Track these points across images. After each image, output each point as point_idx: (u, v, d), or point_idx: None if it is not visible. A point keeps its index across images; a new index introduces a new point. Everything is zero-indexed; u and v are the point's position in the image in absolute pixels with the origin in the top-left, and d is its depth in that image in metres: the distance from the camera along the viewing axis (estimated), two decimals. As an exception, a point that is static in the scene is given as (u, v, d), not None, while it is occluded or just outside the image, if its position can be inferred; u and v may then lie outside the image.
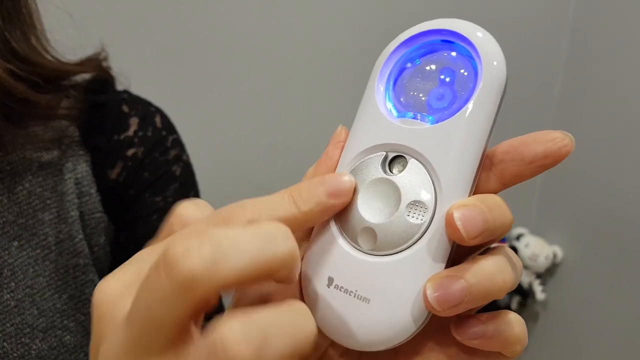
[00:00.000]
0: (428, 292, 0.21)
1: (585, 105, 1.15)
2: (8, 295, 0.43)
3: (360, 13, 1.01)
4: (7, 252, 0.43)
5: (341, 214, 0.24)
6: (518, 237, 1.25)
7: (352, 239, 0.24)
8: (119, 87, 0.52)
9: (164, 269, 0.17)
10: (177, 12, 0.90)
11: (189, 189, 0.53)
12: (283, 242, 0.18)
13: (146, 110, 0.51)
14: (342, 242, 0.24)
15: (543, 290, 1.23)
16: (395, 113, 0.25)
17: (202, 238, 0.17)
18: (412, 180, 0.23)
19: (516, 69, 1.16)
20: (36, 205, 0.45)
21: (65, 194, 0.46)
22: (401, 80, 0.26)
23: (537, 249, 1.20)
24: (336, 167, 0.25)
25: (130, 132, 0.49)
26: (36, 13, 0.45)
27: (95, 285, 0.47)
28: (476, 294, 0.21)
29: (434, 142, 0.23)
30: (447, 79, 0.24)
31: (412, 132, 0.24)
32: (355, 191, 0.24)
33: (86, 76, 0.49)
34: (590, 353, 1.17)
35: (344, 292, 0.23)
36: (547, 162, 0.23)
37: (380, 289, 0.23)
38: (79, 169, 0.47)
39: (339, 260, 0.24)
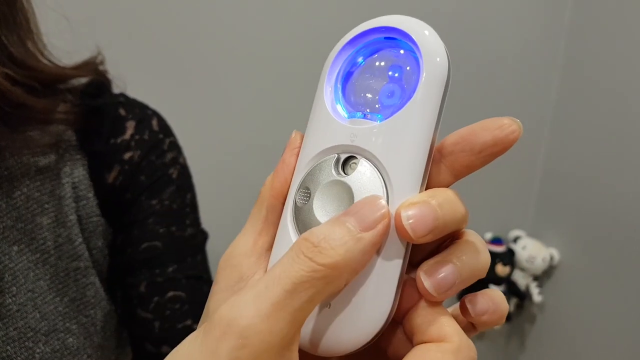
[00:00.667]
0: (424, 282, 0.22)
1: (582, 108, 1.15)
2: (10, 300, 0.43)
3: (360, 14, 1.01)
4: (7, 256, 0.43)
5: (298, 217, 0.24)
6: (515, 240, 1.25)
7: None
8: (116, 90, 0.52)
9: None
10: (174, 15, 0.91)
11: (185, 191, 0.53)
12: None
13: (143, 113, 0.52)
14: None
15: (540, 293, 1.23)
16: (345, 114, 0.25)
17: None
18: (363, 180, 0.23)
19: (513, 72, 1.17)
20: (34, 210, 0.45)
21: (63, 198, 0.46)
22: (349, 80, 0.26)
23: (534, 251, 1.21)
24: (293, 173, 0.25)
25: (127, 136, 0.49)
26: (32, 17, 0.45)
27: (97, 287, 0.48)
28: (465, 275, 0.22)
29: (381, 140, 0.23)
30: (393, 76, 0.24)
31: (361, 131, 0.24)
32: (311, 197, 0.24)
33: (83, 80, 0.49)
34: (587, 355, 1.17)
35: None
36: (496, 150, 0.22)
37: (340, 292, 0.23)
38: (76, 173, 0.47)
39: None
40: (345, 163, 0.24)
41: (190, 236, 0.52)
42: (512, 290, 1.24)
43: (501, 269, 1.21)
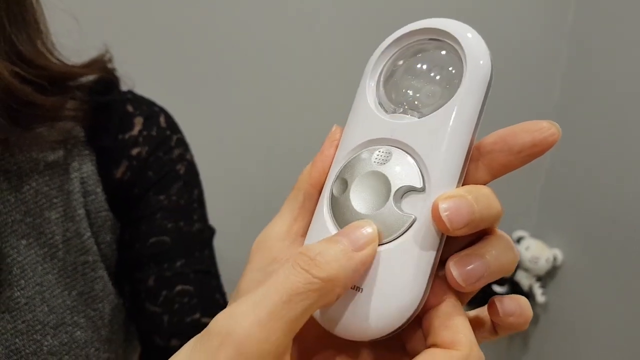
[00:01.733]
0: (453, 271, 0.23)
1: (585, 109, 1.15)
2: (18, 293, 0.44)
3: (363, 15, 1.01)
4: (16, 250, 0.44)
5: (335, 206, 0.25)
6: (519, 240, 1.25)
7: None
8: (124, 87, 0.53)
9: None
10: (181, 14, 0.91)
11: (192, 187, 0.53)
12: None
13: (150, 110, 0.52)
14: (335, 232, 0.25)
15: (543, 293, 1.23)
16: (385, 109, 0.26)
17: None
18: (401, 171, 0.24)
19: (516, 74, 1.17)
20: (43, 204, 0.45)
21: (71, 193, 0.46)
22: (392, 78, 0.26)
23: (537, 251, 1.21)
24: (331, 163, 0.26)
25: (135, 132, 0.50)
26: (42, 16, 0.45)
27: (105, 281, 0.48)
28: (494, 268, 0.23)
29: (422, 135, 0.24)
30: (436, 77, 0.25)
31: (401, 126, 0.24)
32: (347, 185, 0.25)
33: (91, 77, 0.50)
34: (590, 355, 1.17)
35: None
36: (535, 151, 0.23)
37: (373, 278, 0.23)
38: (84, 169, 0.47)
39: None
40: (384, 155, 0.25)
41: (197, 231, 0.52)
42: (516, 291, 1.24)
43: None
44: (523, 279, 1.23)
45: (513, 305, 0.25)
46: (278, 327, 0.20)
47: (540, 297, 1.23)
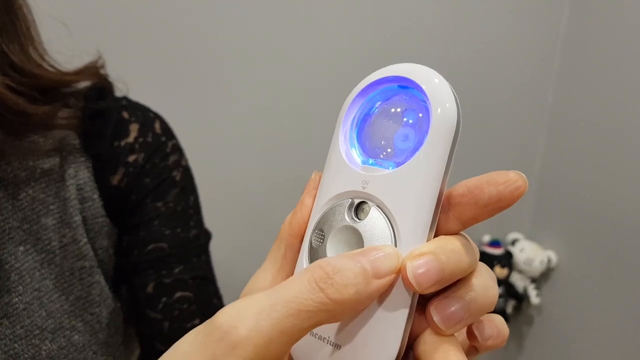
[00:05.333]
0: (434, 316, 0.23)
1: (578, 111, 1.16)
2: (17, 299, 0.44)
3: (363, 16, 1.02)
4: (13, 257, 0.44)
5: (313, 257, 0.25)
6: (513, 242, 1.26)
7: None
8: (118, 94, 0.53)
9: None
10: (174, 18, 0.91)
11: (188, 193, 0.54)
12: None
13: (145, 116, 0.52)
14: None
15: (538, 295, 1.24)
16: (359, 160, 0.26)
17: None
18: (373, 227, 0.24)
19: (509, 78, 1.18)
20: (39, 211, 0.46)
21: (67, 200, 0.47)
22: (363, 126, 0.26)
23: (531, 253, 1.21)
24: (310, 214, 0.26)
25: (131, 139, 0.50)
26: (33, 24, 0.45)
27: (102, 286, 0.49)
28: (474, 310, 0.23)
29: (391, 188, 0.24)
30: (406, 123, 0.25)
31: (372, 178, 0.24)
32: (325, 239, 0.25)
33: (85, 84, 0.50)
34: (584, 357, 1.18)
35: (319, 339, 0.24)
36: (501, 205, 0.23)
37: (349, 335, 0.23)
38: (80, 175, 0.48)
39: None
40: (358, 208, 0.25)
41: (194, 237, 0.53)
42: (510, 293, 1.24)
43: (499, 271, 1.22)
44: (517, 281, 1.24)
45: (490, 330, 0.25)
46: (279, 339, 0.20)
47: (534, 298, 1.23)
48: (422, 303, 0.24)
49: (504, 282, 1.24)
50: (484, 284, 0.24)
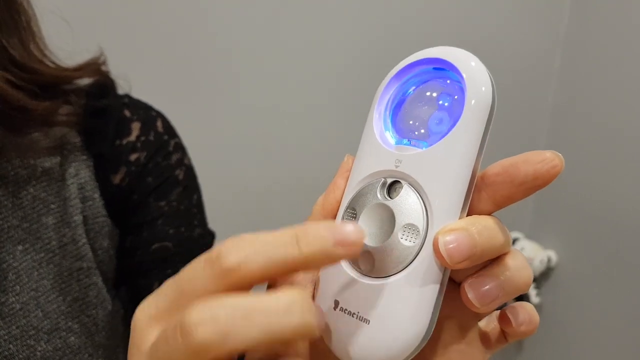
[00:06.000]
0: (468, 293, 0.23)
1: (579, 110, 1.16)
2: (13, 299, 0.44)
3: (362, 21, 1.02)
4: (11, 256, 0.44)
5: None
6: (513, 242, 1.26)
7: (355, 264, 0.25)
8: (121, 91, 0.52)
9: (181, 334, 0.18)
10: (178, 16, 0.91)
11: (192, 192, 0.53)
12: (299, 315, 0.19)
13: (147, 114, 0.52)
14: (346, 267, 0.25)
15: (538, 294, 1.24)
16: (393, 140, 0.26)
17: (217, 308, 0.18)
18: (405, 204, 0.24)
19: (509, 77, 1.18)
20: (40, 210, 0.45)
21: (68, 199, 0.46)
22: (398, 108, 0.27)
23: (532, 253, 1.21)
24: (343, 193, 0.27)
25: (133, 137, 0.50)
26: (34, 19, 0.45)
27: (99, 288, 0.48)
28: (508, 289, 0.23)
29: (425, 167, 0.24)
30: (441, 105, 0.25)
31: (405, 157, 0.25)
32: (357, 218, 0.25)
33: (87, 81, 0.49)
34: (584, 356, 1.18)
35: (348, 314, 0.24)
36: (537, 184, 0.23)
37: (379, 310, 0.24)
38: (81, 174, 0.47)
39: (343, 284, 0.25)
40: (391, 187, 0.25)
41: (198, 236, 0.52)
42: (510, 292, 1.24)
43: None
44: (517, 280, 1.24)
45: (524, 315, 0.25)
46: None
47: (534, 298, 1.23)
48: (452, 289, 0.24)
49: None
50: (519, 264, 0.24)
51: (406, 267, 0.23)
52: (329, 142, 1.01)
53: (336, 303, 0.25)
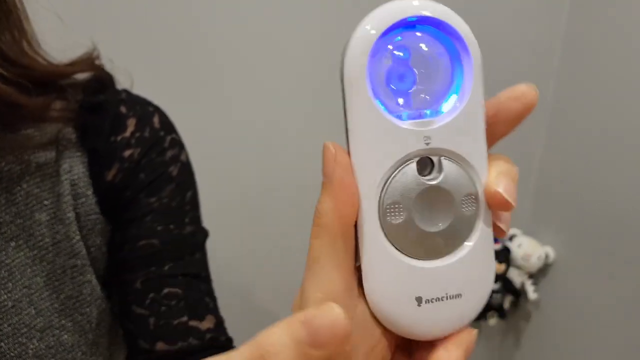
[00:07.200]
0: (507, 197, 0.24)
1: (578, 107, 1.16)
2: (5, 296, 0.43)
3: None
4: (4, 252, 0.43)
5: (396, 235, 0.24)
6: (511, 238, 1.26)
7: (421, 254, 0.24)
8: (123, 85, 0.52)
9: None
10: (176, 14, 0.91)
11: (185, 189, 0.52)
12: None
13: (144, 110, 0.51)
14: (414, 263, 0.24)
15: (535, 290, 1.24)
16: (406, 115, 0.24)
17: None
18: (453, 177, 0.24)
19: (508, 76, 1.17)
20: (33, 206, 0.45)
21: (61, 195, 0.46)
22: (398, 77, 0.24)
23: (529, 249, 1.21)
24: (358, 195, 0.23)
25: (127, 133, 0.49)
26: (24, 15, 0.44)
27: (93, 286, 0.48)
28: (514, 175, 0.25)
29: (455, 135, 0.24)
30: (445, 67, 0.24)
31: (434, 132, 0.23)
32: (404, 210, 0.23)
33: (85, 76, 0.49)
34: (582, 352, 1.18)
35: (437, 301, 0.24)
36: (525, 115, 0.25)
37: (467, 280, 0.25)
38: (75, 170, 0.47)
39: (419, 279, 0.24)
40: (425, 165, 0.24)
41: (189, 234, 0.51)
42: (508, 288, 1.24)
43: (497, 267, 1.22)
44: (515, 276, 1.24)
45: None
46: None
47: (532, 294, 1.23)
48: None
49: (501, 278, 1.24)
50: (504, 157, 0.26)
51: (474, 232, 0.24)
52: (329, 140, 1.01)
53: (419, 300, 0.24)
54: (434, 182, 0.23)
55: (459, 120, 0.24)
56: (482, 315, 1.23)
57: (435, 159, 0.24)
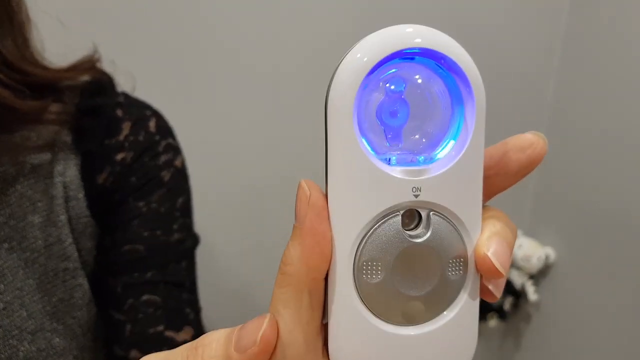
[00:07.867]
0: (495, 263, 0.21)
1: (578, 108, 1.16)
2: None
3: (359, 20, 1.01)
4: None
5: (370, 295, 0.21)
6: (511, 239, 1.26)
7: (396, 319, 0.21)
8: (124, 88, 0.51)
9: None
10: (175, 13, 0.90)
11: (177, 195, 0.51)
12: None
13: (140, 114, 0.51)
14: (388, 328, 0.21)
15: (535, 291, 1.24)
16: (395, 161, 0.21)
17: None
18: (442, 236, 0.21)
19: (508, 76, 1.17)
20: (27, 208, 0.45)
21: (54, 198, 0.46)
22: (389, 116, 0.21)
23: (529, 250, 1.21)
24: (332, 245, 0.21)
25: (121, 137, 0.49)
26: (27, 20, 0.44)
27: (85, 289, 0.47)
28: (510, 240, 0.23)
29: (449, 187, 0.21)
30: (444, 108, 0.22)
31: (426, 183, 0.20)
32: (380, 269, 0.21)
33: (84, 79, 0.49)
34: (583, 354, 1.18)
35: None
36: (531, 169, 0.22)
37: (446, 352, 0.22)
38: (68, 173, 0.47)
39: (391, 346, 0.21)
40: (410, 220, 0.21)
41: (176, 241, 0.50)
42: (508, 289, 1.24)
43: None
44: (515, 277, 1.24)
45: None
46: None
47: (532, 295, 1.23)
48: None
49: (501, 279, 1.24)
50: (502, 215, 0.23)
51: (458, 299, 0.22)
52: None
53: None
54: (419, 240, 0.21)
55: (455, 172, 0.21)
56: (482, 317, 1.23)
57: (423, 213, 0.21)
